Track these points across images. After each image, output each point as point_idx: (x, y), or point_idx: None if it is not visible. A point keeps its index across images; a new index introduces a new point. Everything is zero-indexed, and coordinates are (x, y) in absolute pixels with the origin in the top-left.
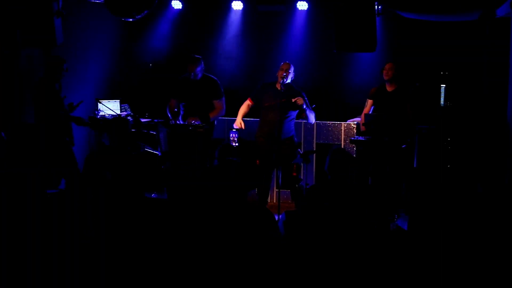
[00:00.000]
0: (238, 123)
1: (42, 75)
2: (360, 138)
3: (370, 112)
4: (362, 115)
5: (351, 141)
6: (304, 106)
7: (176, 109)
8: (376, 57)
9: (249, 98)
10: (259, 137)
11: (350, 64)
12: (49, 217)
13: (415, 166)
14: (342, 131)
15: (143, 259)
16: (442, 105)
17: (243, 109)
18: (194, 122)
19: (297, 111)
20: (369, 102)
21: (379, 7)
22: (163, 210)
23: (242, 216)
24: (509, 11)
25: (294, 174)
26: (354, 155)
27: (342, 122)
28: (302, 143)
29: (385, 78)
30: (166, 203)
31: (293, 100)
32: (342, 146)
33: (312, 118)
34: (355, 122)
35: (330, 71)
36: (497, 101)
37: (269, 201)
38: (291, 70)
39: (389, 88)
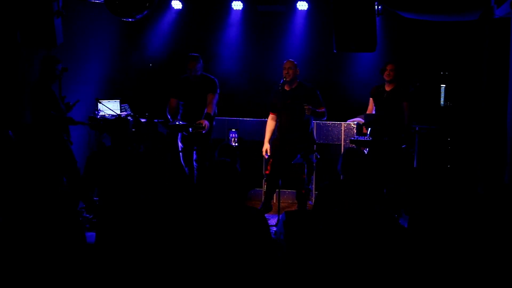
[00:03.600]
0: (265, 149)
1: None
2: (360, 138)
3: (373, 112)
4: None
5: (351, 141)
6: (311, 110)
7: (175, 109)
8: (376, 57)
9: (270, 112)
10: (275, 139)
11: (350, 64)
12: (50, 216)
13: (415, 166)
14: (342, 131)
15: (141, 258)
16: (442, 105)
17: (270, 126)
18: (205, 125)
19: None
20: (370, 100)
21: (379, 7)
22: (161, 210)
23: (235, 218)
24: (509, 11)
25: (304, 176)
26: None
27: (342, 122)
28: None
29: (387, 78)
30: (164, 203)
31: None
32: (342, 146)
33: (320, 119)
34: (355, 122)
35: (330, 71)
36: (497, 101)
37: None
38: (294, 67)
39: (387, 87)
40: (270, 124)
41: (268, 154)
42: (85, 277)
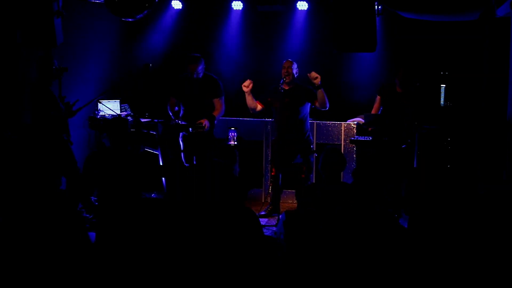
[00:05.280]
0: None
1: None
2: (360, 138)
3: (379, 112)
4: (372, 112)
5: (351, 141)
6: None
7: (176, 107)
8: (376, 57)
9: (257, 101)
10: (274, 140)
11: (350, 64)
12: (50, 216)
13: (415, 166)
14: (342, 131)
15: (140, 259)
16: (442, 105)
17: (253, 104)
18: (205, 124)
19: (308, 108)
20: (378, 98)
21: (379, 7)
22: (162, 210)
23: (229, 219)
24: (509, 11)
25: (303, 176)
26: (354, 155)
27: (342, 122)
28: None
29: (398, 81)
30: (165, 203)
31: (313, 79)
32: (342, 146)
33: (326, 102)
34: (355, 122)
35: (330, 71)
36: (497, 101)
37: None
38: (294, 67)
39: (399, 89)
40: (257, 106)
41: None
42: (85, 277)
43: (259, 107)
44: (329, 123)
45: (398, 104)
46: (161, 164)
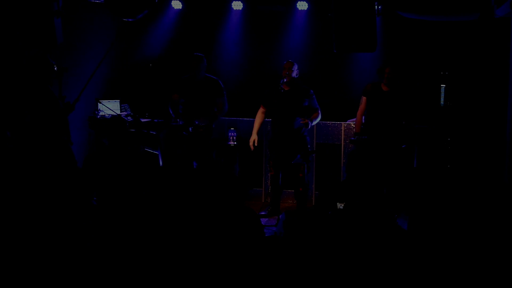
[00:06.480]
0: (252, 141)
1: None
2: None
3: (365, 113)
4: (358, 113)
5: (351, 141)
6: (310, 125)
7: (177, 103)
8: (376, 57)
9: (261, 105)
10: (271, 140)
11: (350, 64)
12: (50, 216)
13: (415, 166)
14: (342, 131)
15: (140, 259)
16: (442, 105)
17: (258, 120)
18: (201, 123)
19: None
20: (363, 99)
21: (379, 7)
22: (162, 210)
23: (230, 219)
24: (509, 11)
25: (301, 175)
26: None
27: (342, 122)
28: None
29: (385, 82)
30: (164, 202)
31: (301, 122)
32: (342, 146)
33: (316, 122)
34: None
35: (330, 71)
36: (497, 101)
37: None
38: (294, 68)
39: (385, 88)
40: (260, 117)
41: (255, 145)
42: (85, 277)
43: (262, 112)
44: (329, 123)
45: (385, 104)
46: (161, 164)
